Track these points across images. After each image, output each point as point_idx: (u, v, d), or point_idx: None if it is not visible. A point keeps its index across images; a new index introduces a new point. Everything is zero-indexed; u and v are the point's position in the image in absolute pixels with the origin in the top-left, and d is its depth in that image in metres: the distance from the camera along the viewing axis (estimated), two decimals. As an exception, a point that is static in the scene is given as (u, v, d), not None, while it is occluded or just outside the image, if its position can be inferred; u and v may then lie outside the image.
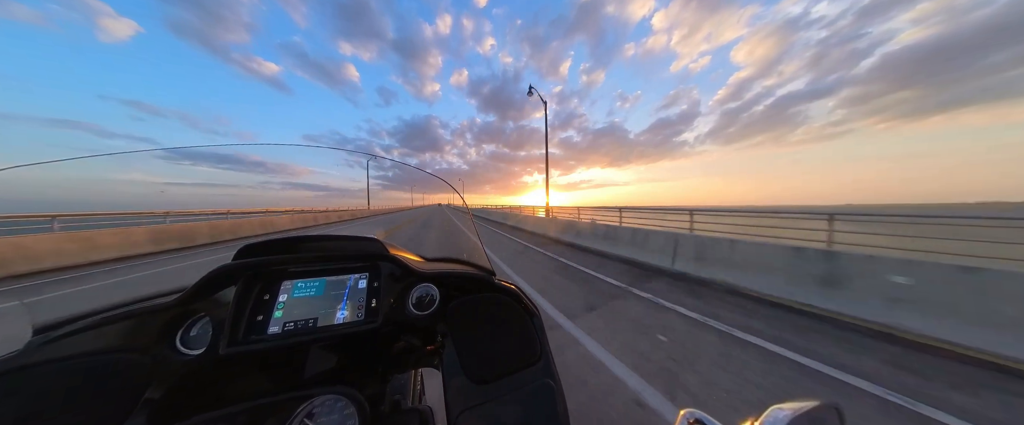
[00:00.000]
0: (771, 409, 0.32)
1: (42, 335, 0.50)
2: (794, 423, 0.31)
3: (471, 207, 1.47)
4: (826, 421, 0.35)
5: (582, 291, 3.93)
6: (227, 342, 0.54)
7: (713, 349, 2.36)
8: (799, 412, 0.32)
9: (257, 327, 0.58)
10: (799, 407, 0.33)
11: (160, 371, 0.52)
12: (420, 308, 0.67)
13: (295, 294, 0.63)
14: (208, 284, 0.58)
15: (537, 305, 0.72)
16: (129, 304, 0.59)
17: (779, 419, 0.31)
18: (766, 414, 0.32)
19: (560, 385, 0.60)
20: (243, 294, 0.59)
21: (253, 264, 0.61)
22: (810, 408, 0.33)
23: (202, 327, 0.58)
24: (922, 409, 1.69)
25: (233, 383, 0.56)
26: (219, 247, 8.92)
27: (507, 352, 0.63)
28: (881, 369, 2.07)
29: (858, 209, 5.32)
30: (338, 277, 0.68)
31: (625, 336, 2.58)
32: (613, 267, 5.29)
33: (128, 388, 0.50)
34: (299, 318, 0.61)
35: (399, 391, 0.74)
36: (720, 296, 3.67)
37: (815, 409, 0.34)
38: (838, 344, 2.42)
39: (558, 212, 12.63)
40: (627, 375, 2.00)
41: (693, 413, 0.39)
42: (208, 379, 0.54)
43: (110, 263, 6.46)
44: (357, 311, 0.64)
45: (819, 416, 0.34)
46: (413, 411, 0.63)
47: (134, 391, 0.49)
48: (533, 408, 0.57)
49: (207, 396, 0.53)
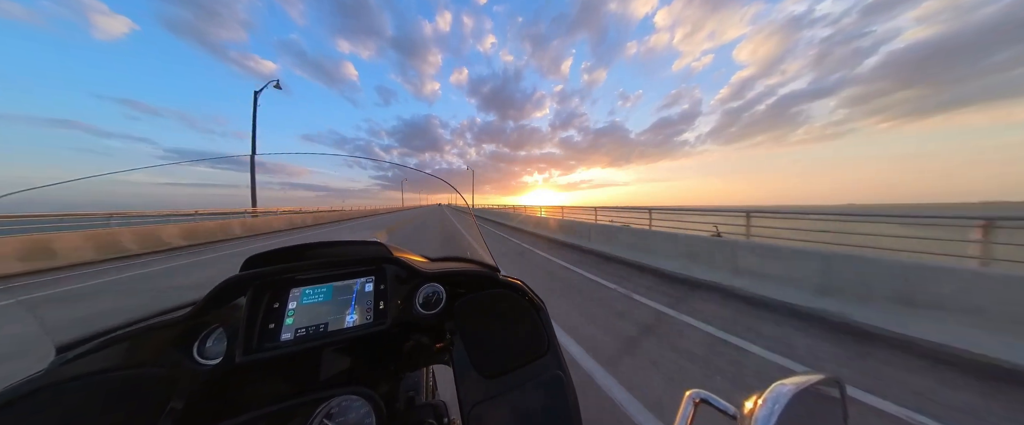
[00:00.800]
0: (775, 385, 0.33)
1: (64, 354, 0.52)
2: (797, 397, 0.32)
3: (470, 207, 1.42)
4: (828, 393, 0.36)
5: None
6: (242, 351, 0.55)
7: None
8: (802, 386, 0.33)
9: (270, 335, 0.60)
10: (802, 381, 0.33)
11: (180, 382, 0.54)
12: (427, 307, 0.68)
13: (304, 301, 0.65)
14: (218, 296, 0.59)
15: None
16: (145, 319, 0.61)
17: (783, 394, 0.32)
18: (770, 390, 0.32)
19: (569, 376, 0.61)
20: (254, 304, 0.60)
21: (260, 274, 0.63)
22: (813, 382, 0.34)
23: (217, 338, 0.59)
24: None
25: (252, 390, 0.58)
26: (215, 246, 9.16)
27: (515, 346, 0.64)
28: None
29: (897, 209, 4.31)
30: (345, 282, 0.69)
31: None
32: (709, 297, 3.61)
33: (151, 401, 0.51)
34: (310, 324, 0.62)
35: (412, 388, 0.76)
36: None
37: (817, 382, 0.34)
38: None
39: (564, 213, 11.59)
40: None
41: (699, 393, 0.40)
42: (227, 387, 0.56)
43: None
44: (366, 314, 0.65)
45: (821, 389, 0.35)
46: (428, 406, 0.65)
47: (157, 403, 0.51)
48: (544, 399, 0.58)
49: (228, 404, 0.55)
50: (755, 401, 0.32)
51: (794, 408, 0.31)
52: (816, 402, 0.34)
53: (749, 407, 0.32)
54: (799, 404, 0.31)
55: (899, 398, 1.80)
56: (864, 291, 2.77)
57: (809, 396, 0.33)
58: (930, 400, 1.78)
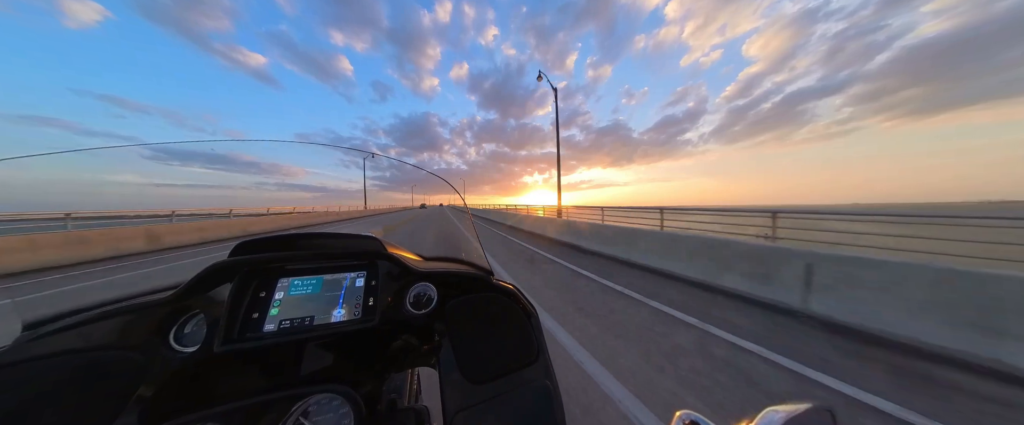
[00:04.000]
0: (766, 411, 0.32)
1: (31, 331, 0.49)
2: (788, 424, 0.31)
3: (471, 207, 1.31)
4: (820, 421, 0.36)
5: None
6: (222, 340, 0.53)
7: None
8: (793, 414, 0.32)
9: (252, 325, 0.58)
10: (793, 409, 0.33)
11: (153, 369, 0.51)
12: (417, 307, 0.67)
13: (292, 292, 0.63)
14: (203, 280, 0.58)
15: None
16: (122, 300, 0.59)
17: (774, 421, 0.31)
18: (761, 416, 0.32)
19: (557, 386, 0.60)
20: (239, 291, 0.59)
21: (249, 261, 0.61)
22: (804, 410, 0.34)
23: (196, 324, 0.57)
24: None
25: (228, 381, 0.56)
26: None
27: (504, 352, 0.63)
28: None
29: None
30: (335, 275, 0.67)
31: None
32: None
33: (119, 386, 0.49)
34: (295, 316, 0.60)
35: (395, 390, 0.74)
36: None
37: (809, 411, 0.34)
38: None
39: (567, 212, 11.36)
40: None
41: (689, 414, 0.40)
42: (202, 377, 0.54)
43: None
44: (354, 310, 0.64)
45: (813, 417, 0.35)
46: (409, 410, 0.63)
47: (126, 389, 0.49)
48: (529, 409, 0.56)
49: (201, 394, 0.53)
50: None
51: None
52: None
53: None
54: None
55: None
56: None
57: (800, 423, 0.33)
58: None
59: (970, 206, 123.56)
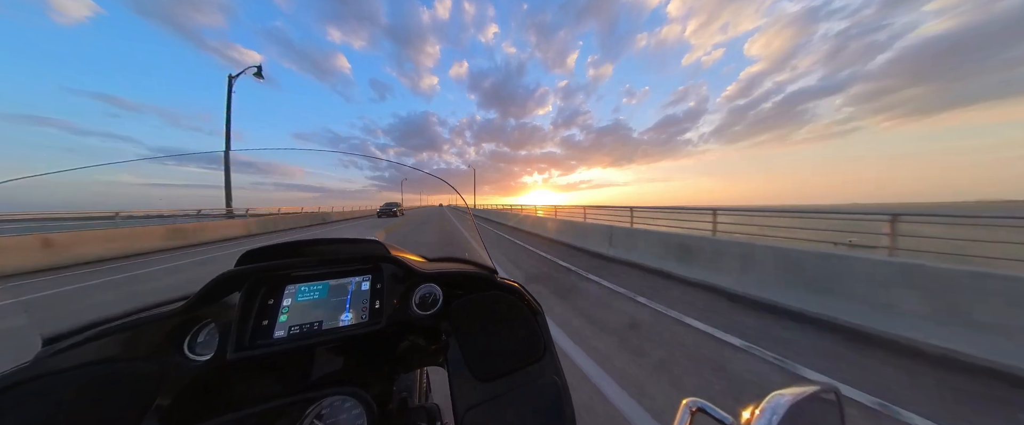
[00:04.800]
0: (772, 395, 0.33)
1: (51, 346, 0.51)
2: (795, 407, 0.32)
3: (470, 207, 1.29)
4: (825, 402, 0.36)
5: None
6: (234, 347, 0.54)
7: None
8: (799, 396, 0.33)
9: (263, 332, 0.59)
10: (799, 392, 0.33)
11: (169, 378, 0.53)
12: (423, 308, 0.68)
13: (299, 298, 0.64)
14: (212, 290, 0.59)
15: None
16: (136, 312, 0.60)
17: (780, 404, 0.32)
18: (767, 400, 0.32)
19: (565, 382, 0.61)
20: (248, 299, 0.60)
21: (256, 269, 0.62)
22: (809, 392, 0.34)
23: (209, 333, 0.58)
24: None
25: (242, 387, 0.57)
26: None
27: (511, 349, 0.64)
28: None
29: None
30: (341, 280, 0.68)
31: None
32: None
33: (138, 396, 0.50)
34: (304, 322, 0.61)
35: (405, 390, 0.75)
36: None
37: (814, 393, 0.34)
38: None
39: (565, 212, 11.58)
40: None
41: (696, 402, 0.40)
42: (217, 384, 0.55)
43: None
44: (361, 313, 0.65)
45: (818, 399, 0.35)
46: (420, 409, 0.64)
47: (144, 398, 0.50)
48: (539, 405, 0.57)
49: (217, 401, 0.54)
50: (752, 411, 0.32)
51: (791, 418, 0.31)
52: (813, 411, 0.34)
53: (747, 416, 0.32)
54: (796, 414, 0.31)
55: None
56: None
57: (806, 405, 0.33)
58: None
59: (970, 206, 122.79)
